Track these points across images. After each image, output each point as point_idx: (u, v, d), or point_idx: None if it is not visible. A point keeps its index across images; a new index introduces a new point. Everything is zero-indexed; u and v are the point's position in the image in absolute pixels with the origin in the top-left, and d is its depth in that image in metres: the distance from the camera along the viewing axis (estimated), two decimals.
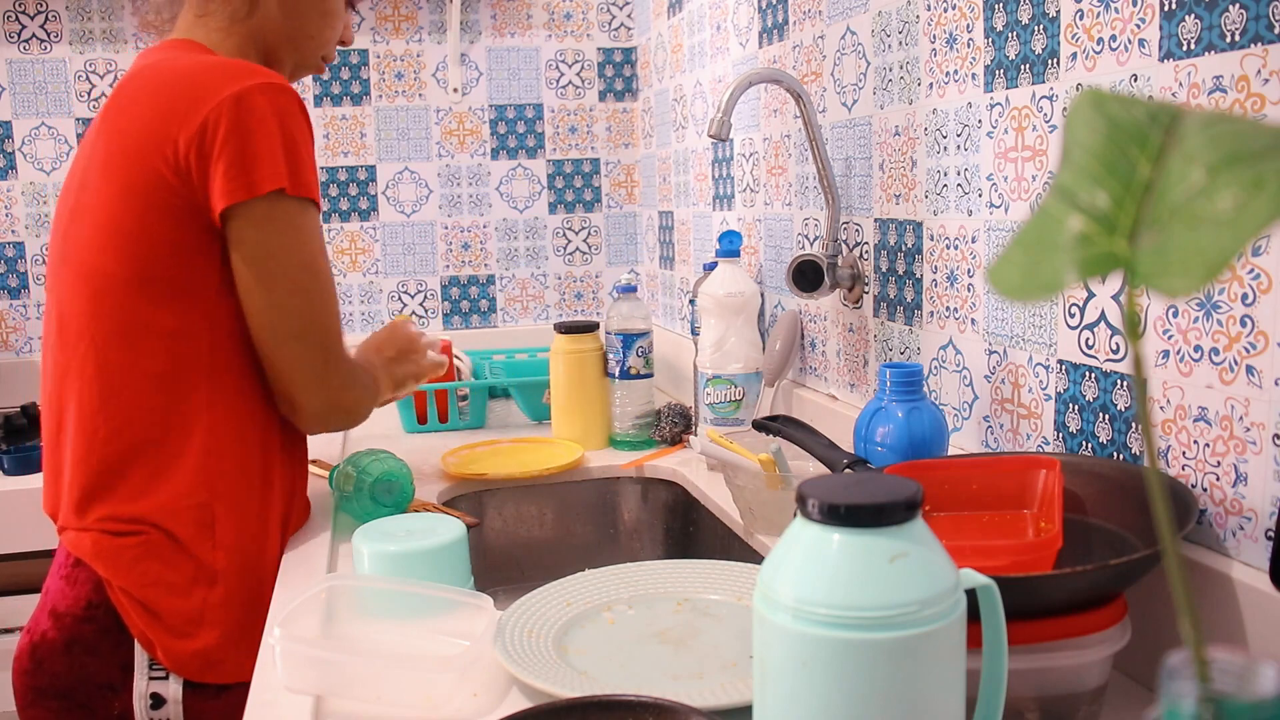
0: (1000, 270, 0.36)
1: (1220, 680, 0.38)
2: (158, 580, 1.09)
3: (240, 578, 1.12)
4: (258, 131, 1.04)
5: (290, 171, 1.06)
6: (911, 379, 1.12)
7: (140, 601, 1.09)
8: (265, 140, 1.04)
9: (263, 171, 1.05)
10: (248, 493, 1.13)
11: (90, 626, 1.10)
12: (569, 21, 2.43)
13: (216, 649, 1.10)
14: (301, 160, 1.08)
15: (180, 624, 1.09)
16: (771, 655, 0.58)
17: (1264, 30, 0.75)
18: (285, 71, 1.25)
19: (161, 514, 1.09)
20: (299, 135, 1.08)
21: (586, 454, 1.63)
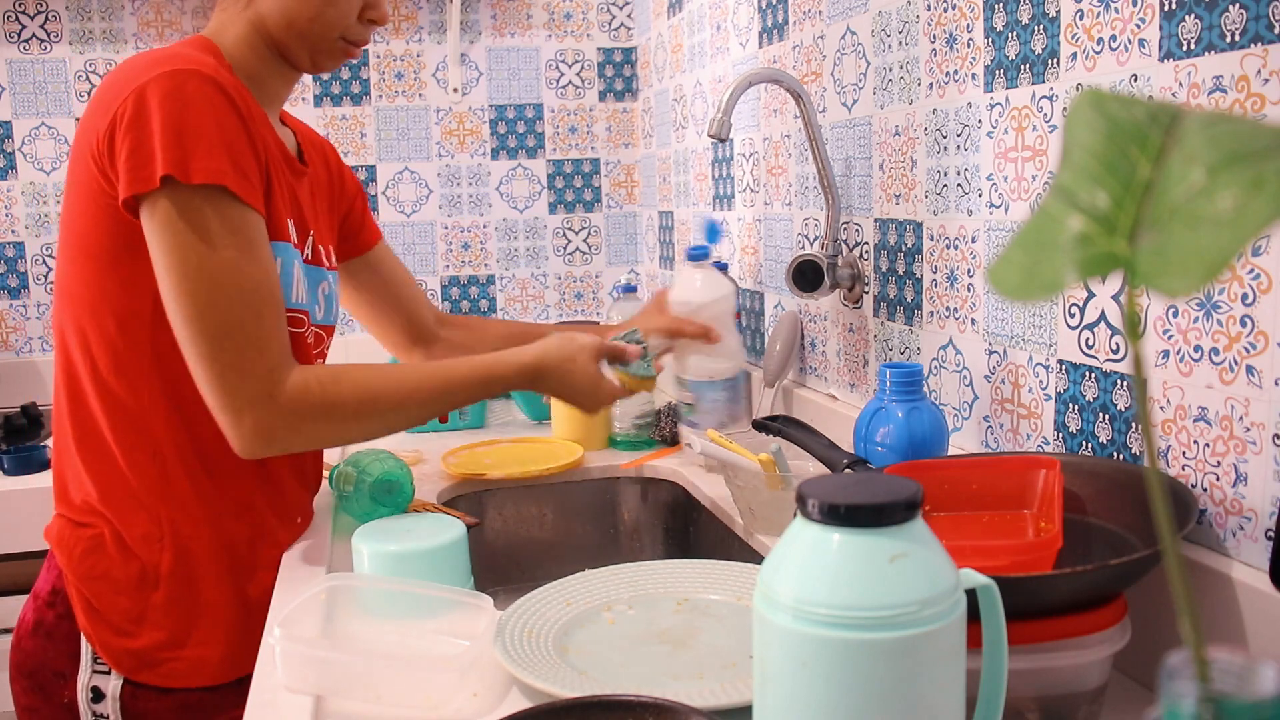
0: (1000, 270, 0.36)
1: (1220, 680, 0.38)
2: (104, 575, 1.10)
3: (184, 586, 1.11)
4: (152, 121, 0.99)
5: (180, 159, 0.98)
6: (911, 379, 1.12)
7: (85, 595, 1.10)
8: (158, 129, 0.99)
9: (155, 161, 0.99)
10: (193, 503, 1.11)
11: (51, 611, 1.13)
12: (569, 21, 2.43)
13: (155, 650, 1.10)
14: (199, 147, 0.99)
15: (121, 621, 1.10)
16: (771, 655, 0.58)
17: (1264, 30, 0.75)
18: (304, 60, 1.16)
19: (114, 513, 1.10)
20: (201, 121, 1.00)
21: (586, 454, 1.63)
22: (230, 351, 1.01)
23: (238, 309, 1.01)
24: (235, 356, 1.01)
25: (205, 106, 1.01)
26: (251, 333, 1.02)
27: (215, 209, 1.01)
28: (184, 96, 1.00)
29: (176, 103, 1.00)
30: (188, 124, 0.99)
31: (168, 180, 0.99)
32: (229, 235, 1.01)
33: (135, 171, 0.99)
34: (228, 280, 1.01)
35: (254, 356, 1.02)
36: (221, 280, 1.01)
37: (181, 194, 0.99)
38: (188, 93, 1.00)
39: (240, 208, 1.02)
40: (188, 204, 1.00)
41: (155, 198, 1.00)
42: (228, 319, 1.01)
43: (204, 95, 1.01)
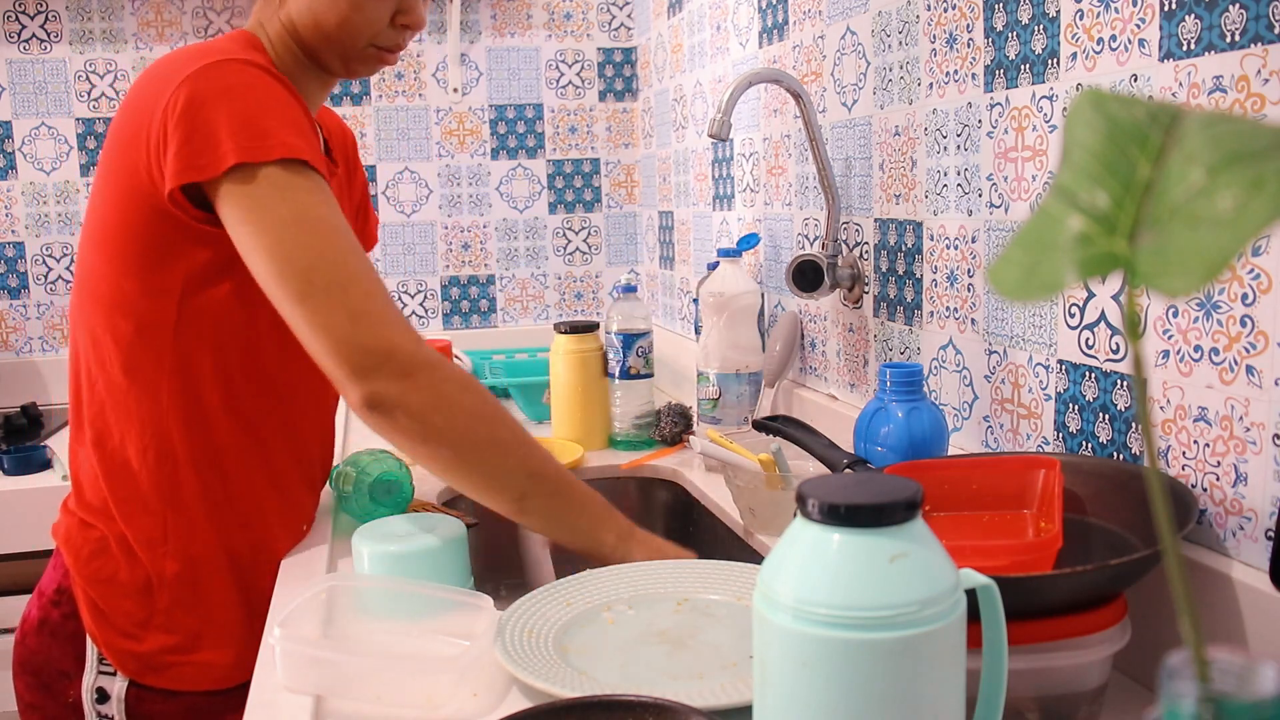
0: (1000, 270, 0.36)
1: (1220, 680, 0.38)
2: (110, 578, 1.10)
3: (189, 589, 1.11)
4: (211, 107, 0.96)
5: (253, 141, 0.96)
6: (911, 379, 1.12)
7: (91, 597, 1.10)
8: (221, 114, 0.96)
9: (222, 148, 0.96)
10: (199, 508, 1.11)
11: (57, 610, 1.12)
12: (569, 21, 2.43)
13: (160, 654, 1.10)
14: (270, 125, 0.97)
15: (127, 624, 1.10)
16: (771, 655, 0.58)
17: (1264, 30, 0.75)
18: (336, 65, 1.14)
19: (122, 516, 1.10)
20: (265, 102, 0.98)
21: (586, 454, 1.63)
22: (358, 298, 0.94)
23: (353, 258, 0.96)
24: (365, 302, 0.94)
25: (264, 88, 0.99)
26: (375, 283, 0.96)
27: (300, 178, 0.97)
28: (241, 80, 0.98)
29: (235, 87, 0.97)
30: (253, 106, 0.97)
31: (243, 166, 0.95)
32: (317, 193, 0.97)
33: (194, 158, 0.96)
34: (333, 231, 0.96)
35: (386, 303, 0.96)
36: (325, 230, 0.96)
37: (260, 171, 0.95)
38: (243, 77, 0.98)
39: (317, 176, 0.99)
40: (269, 176, 0.96)
41: (227, 182, 0.96)
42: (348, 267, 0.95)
43: (259, 78, 0.99)
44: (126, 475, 1.09)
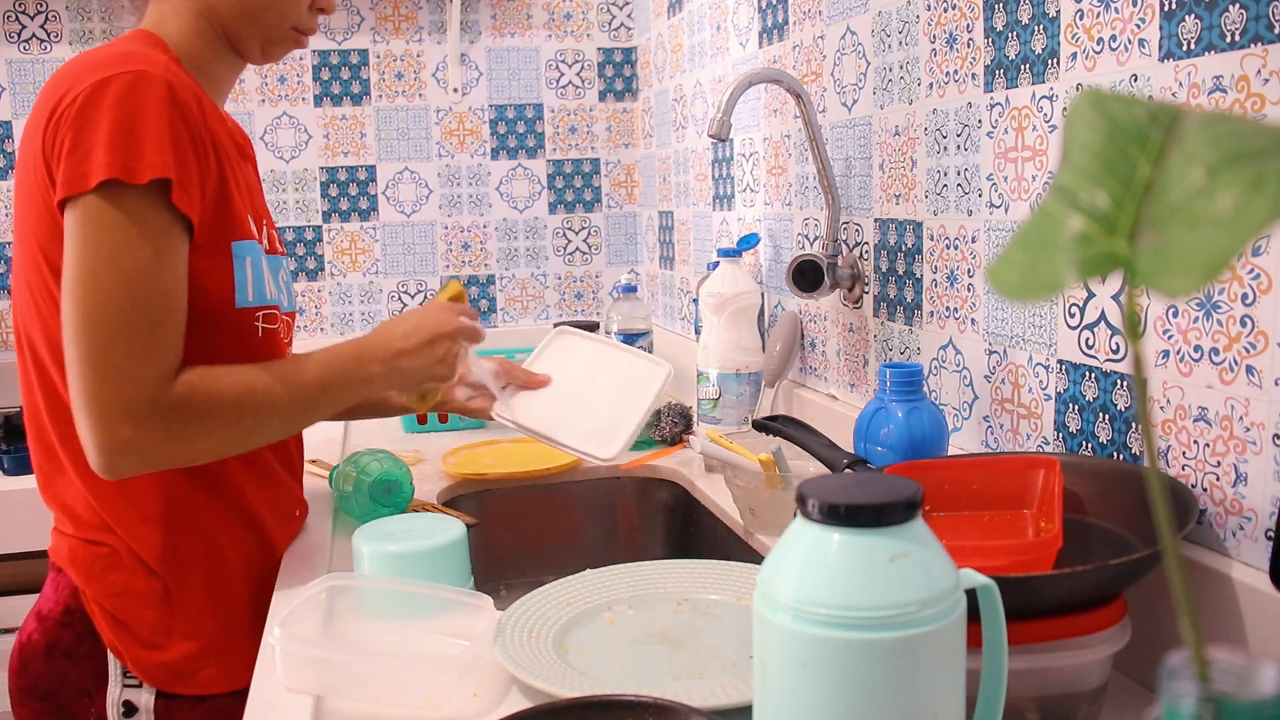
0: (1000, 270, 0.36)
1: (1220, 680, 0.38)
2: (126, 591, 1.07)
3: (209, 592, 1.09)
4: (98, 120, 0.95)
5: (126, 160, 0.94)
6: (911, 379, 1.12)
7: (110, 611, 1.07)
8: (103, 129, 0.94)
9: (94, 162, 0.94)
10: (203, 510, 1.10)
11: (68, 631, 1.09)
12: (569, 21, 2.43)
13: (187, 661, 1.08)
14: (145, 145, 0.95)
15: (150, 635, 1.08)
16: (771, 655, 0.58)
17: (1264, 30, 0.75)
18: (254, 50, 1.14)
19: (125, 532, 1.07)
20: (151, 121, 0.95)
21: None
22: (118, 355, 0.94)
23: (138, 312, 0.95)
24: (122, 361, 0.94)
25: (157, 108, 0.97)
26: (146, 339, 0.96)
27: (147, 208, 0.96)
28: (136, 97, 0.96)
29: (129, 103, 0.95)
30: (137, 125, 0.95)
31: (108, 183, 0.94)
32: (149, 237, 0.96)
33: (72, 170, 0.95)
34: (136, 280, 0.95)
35: (141, 363, 0.95)
36: (130, 280, 0.95)
37: (116, 193, 0.95)
38: (140, 94, 0.96)
39: (169, 213, 0.97)
40: (118, 202, 0.95)
41: (86, 197, 0.95)
42: (125, 320, 0.95)
43: (156, 97, 0.97)
44: (119, 492, 1.07)
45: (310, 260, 2.36)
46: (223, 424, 1.01)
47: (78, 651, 1.09)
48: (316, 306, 2.38)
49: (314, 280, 2.37)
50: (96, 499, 1.07)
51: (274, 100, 2.32)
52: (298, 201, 2.34)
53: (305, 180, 2.34)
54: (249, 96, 2.30)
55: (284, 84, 2.32)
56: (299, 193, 2.34)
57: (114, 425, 0.94)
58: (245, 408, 1.02)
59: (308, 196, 2.35)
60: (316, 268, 2.37)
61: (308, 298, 2.38)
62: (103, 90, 0.96)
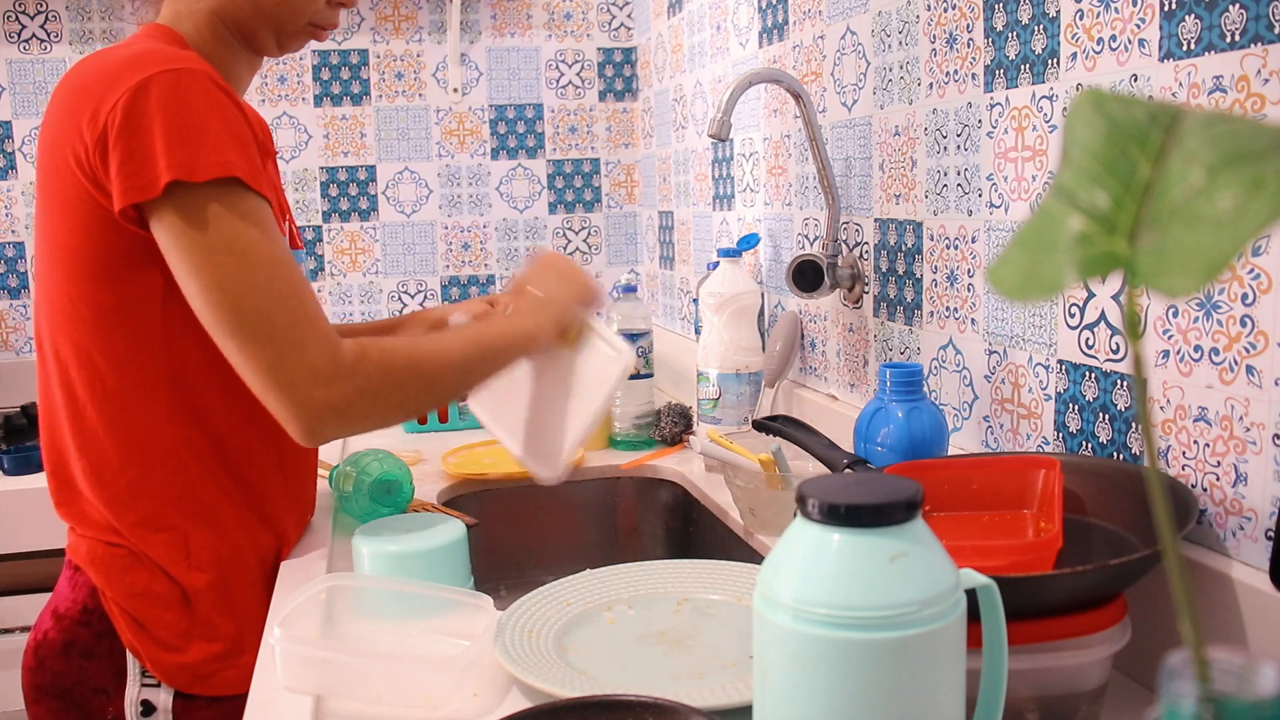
0: (1000, 270, 0.36)
1: (1220, 680, 0.38)
2: (145, 591, 1.07)
3: (225, 596, 1.09)
4: (150, 125, 0.95)
5: (187, 159, 0.94)
6: (911, 379, 1.12)
7: (129, 612, 1.07)
8: (157, 133, 0.94)
9: (157, 166, 0.94)
10: (223, 511, 1.09)
11: (87, 630, 1.09)
12: (569, 21, 2.43)
13: (205, 663, 1.08)
14: (206, 142, 0.96)
15: (168, 636, 1.07)
16: (771, 655, 0.58)
17: (1264, 30, 0.75)
18: (270, 45, 1.14)
19: (134, 536, 1.07)
20: (200, 118, 0.96)
21: (586, 454, 1.63)
22: (283, 328, 0.95)
23: (278, 284, 0.96)
24: (289, 332, 0.95)
25: (206, 102, 0.97)
26: (297, 307, 0.96)
27: (228, 201, 0.96)
28: (181, 94, 0.96)
29: (175, 102, 0.95)
30: (191, 123, 0.96)
31: (175, 185, 0.94)
32: (248, 219, 0.97)
33: (134, 178, 0.95)
34: (259, 258, 0.96)
35: (308, 329, 0.96)
36: (252, 259, 0.96)
37: (191, 193, 0.95)
38: (185, 90, 0.96)
39: (253, 197, 0.98)
40: (199, 201, 0.95)
41: (163, 203, 0.95)
42: (269, 293, 0.96)
43: (202, 91, 0.97)
44: (132, 494, 1.07)
45: (310, 260, 2.36)
46: (404, 379, 1.01)
47: (96, 650, 1.09)
48: None
49: (314, 280, 2.37)
50: (108, 507, 1.07)
51: (274, 100, 2.32)
52: (298, 201, 2.34)
53: (305, 180, 2.34)
54: (249, 96, 2.30)
55: (284, 84, 2.32)
56: (299, 193, 2.34)
57: (307, 392, 0.95)
58: (422, 363, 1.03)
59: (308, 196, 2.35)
60: (316, 268, 2.37)
61: None
62: (146, 90, 0.95)
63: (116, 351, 1.04)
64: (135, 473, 1.06)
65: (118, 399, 1.05)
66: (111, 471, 1.07)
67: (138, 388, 1.05)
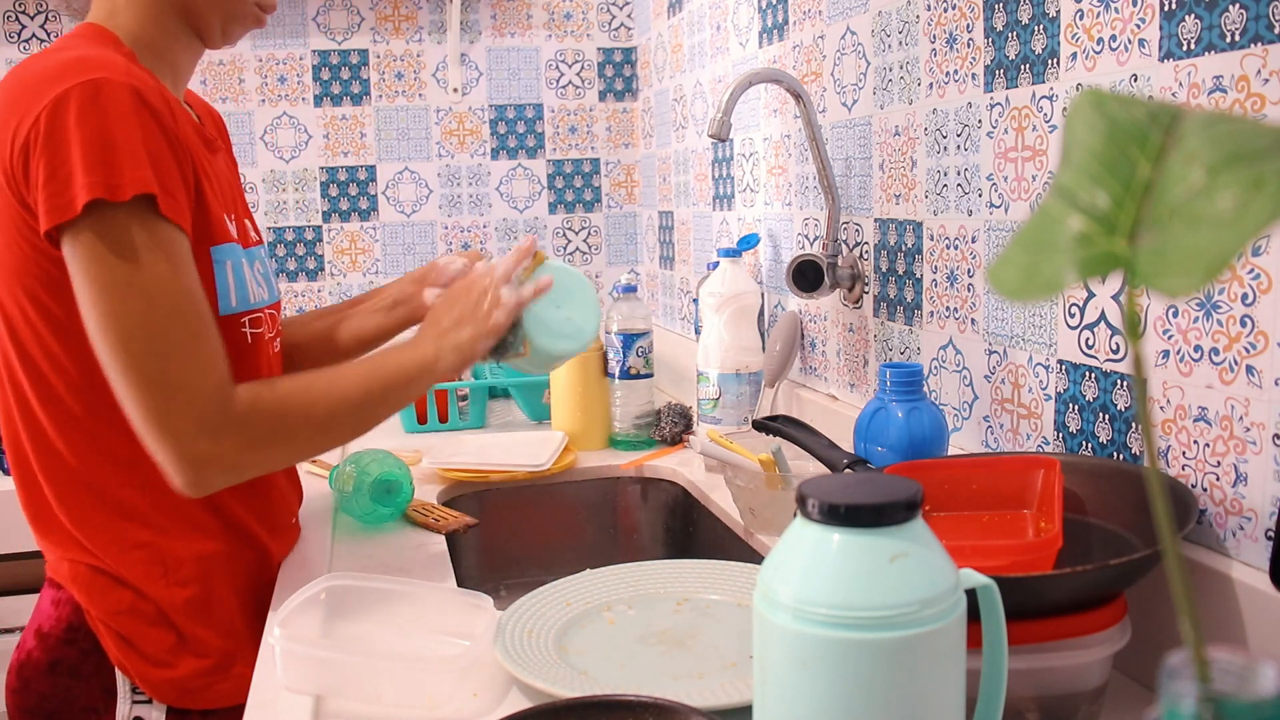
0: (1000, 270, 0.36)
1: (1220, 680, 0.38)
2: (131, 609, 1.05)
3: (207, 610, 1.07)
4: (70, 139, 0.91)
5: (106, 177, 0.90)
6: (911, 379, 1.12)
7: (116, 630, 1.05)
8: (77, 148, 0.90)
9: (76, 185, 0.90)
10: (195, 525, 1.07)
11: (72, 649, 1.07)
12: (569, 21, 2.43)
13: (195, 677, 1.06)
14: (125, 159, 0.91)
15: (157, 652, 1.06)
16: (771, 655, 0.58)
17: (1264, 30, 0.75)
18: (215, 30, 1.09)
19: (108, 556, 1.05)
20: (124, 132, 0.92)
21: (584, 454, 1.63)
22: (174, 371, 0.93)
23: (177, 325, 0.93)
24: (180, 376, 0.93)
25: (126, 116, 0.93)
26: (193, 349, 0.94)
27: (142, 224, 0.93)
28: (100, 107, 0.92)
29: (94, 117, 0.91)
30: (108, 138, 0.91)
31: (95, 204, 0.90)
32: (158, 250, 0.93)
33: (55, 198, 0.91)
34: (162, 295, 0.93)
35: (199, 374, 0.94)
36: (156, 296, 0.93)
37: (108, 214, 0.91)
38: (104, 102, 0.92)
39: (166, 225, 0.94)
40: (114, 223, 0.92)
41: (80, 223, 0.91)
42: (167, 336, 0.93)
43: (123, 105, 0.93)
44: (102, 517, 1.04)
45: (310, 260, 2.36)
46: (295, 426, 1.00)
47: (83, 669, 1.07)
48: (316, 306, 2.38)
49: (314, 280, 2.37)
50: (80, 529, 1.04)
51: (274, 100, 2.32)
52: (298, 201, 2.34)
53: (305, 180, 2.34)
54: (249, 96, 2.30)
55: (284, 84, 2.32)
56: (299, 193, 2.34)
57: (191, 442, 0.93)
58: (315, 405, 1.01)
59: (308, 196, 2.35)
60: (316, 268, 2.37)
61: (308, 298, 2.38)
62: (64, 105, 0.91)
63: (67, 372, 1.01)
64: (101, 491, 1.03)
65: (78, 418, 1.02)
66: (77, 491, 1.03)
67: (96, 405, 1.01)
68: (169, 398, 0.93)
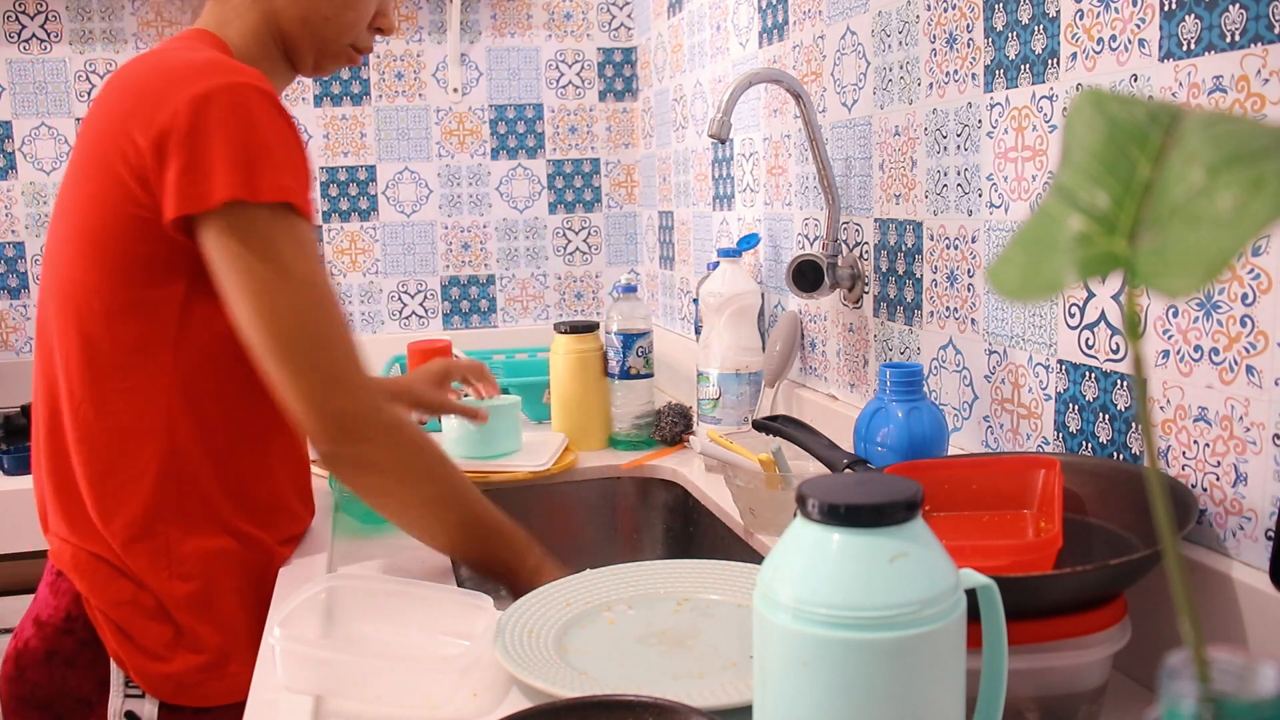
0: (1000, 270, 0.36)
1: (1220, 680, 0.38)
2: (131, 601, 1.06)
3: (208, 607, 1.08)
4: (211, 137, 0.95)
5: (248, 179, 0.95)
6: (911, 379, 1.12)
7: (114, 621, 1.06)
8: (218, 146, 0.95)
9: (216, 181, 0.95)
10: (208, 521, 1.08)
11: (70, 639, 1.08)
12: (569, 21, 2.43)
13: (191, 673, 1.07)
14: (266, 164, 0.96)
15: (154, 646, 1.06)
16: (771, 655, 0.58)
17: (1264, 30, 0.75)
18: (308, 62, 1.15)
19: (118, 543, 1.05)
20: (267, 137, 0.97)
21: (581, 455, 1.63)
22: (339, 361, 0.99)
23: (332, 318, 0.99)
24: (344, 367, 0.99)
25: (268, 121, 0.98)
26: (349, 346, 1.00)
27: (284, 226, 0.98)
28: (246, 110, 0.96)
29: (239, 118, 0.96)
30: (254, 141, 0.96)
31: (232, 203, 0.95)
32: (304, 247, 0.99)
33: (191, 188, 0.95)
34: (317, 288, 0.99)
35: (358, 371, 1.00)
36: (311, 288, 0.98)
37: (248, 213, 0.96)
38: (249, 106, 0.97)
39: (306, 225, 1.00)
40: (256, 221, 0.97)
41: (217, 218, 0.96)
42: (326, 327, 0.99)
43: (265, 109, 0.98)
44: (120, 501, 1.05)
45: None
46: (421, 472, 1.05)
47: (79, 660, 1.07)
48: None
49: None
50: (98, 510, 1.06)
51: None
52: None
53: None
54: None
55: None
56: None
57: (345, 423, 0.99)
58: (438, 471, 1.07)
59: None
60: None
61: None
62: (209, 102, 0.96)
63: (123, 350, 1.03)
64: (126, 475, 1.05)
65: (117, 398, 1.04)
66: (103, 471, 1.05)
67: (137, 389, 1.04)
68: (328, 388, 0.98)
